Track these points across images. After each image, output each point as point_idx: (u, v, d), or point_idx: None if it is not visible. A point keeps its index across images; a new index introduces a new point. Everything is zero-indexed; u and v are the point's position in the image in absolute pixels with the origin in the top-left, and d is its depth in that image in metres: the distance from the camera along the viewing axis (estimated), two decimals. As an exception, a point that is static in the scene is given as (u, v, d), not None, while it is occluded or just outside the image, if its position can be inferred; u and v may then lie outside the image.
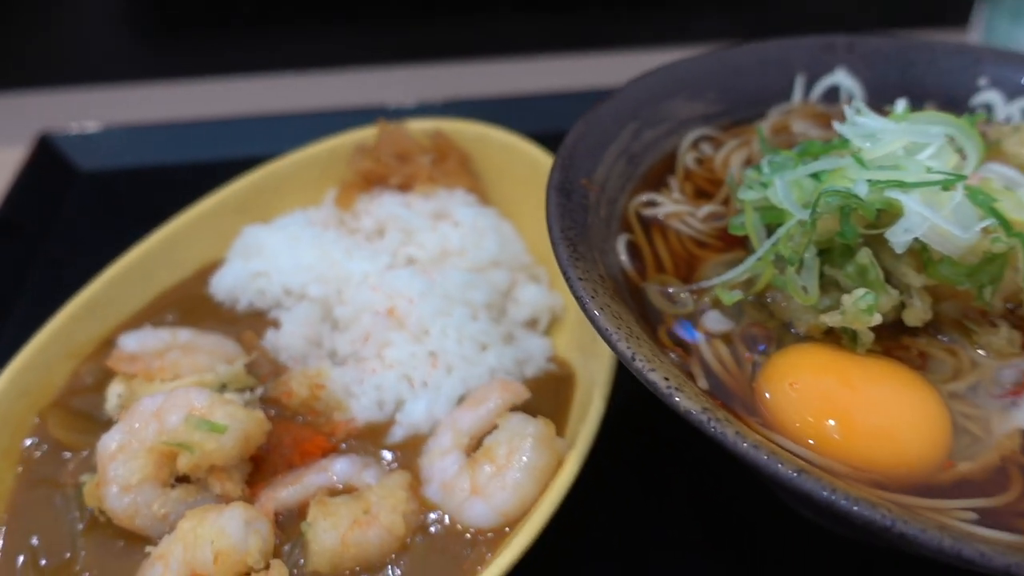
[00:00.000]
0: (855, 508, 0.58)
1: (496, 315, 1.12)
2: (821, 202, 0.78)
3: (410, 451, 0.96)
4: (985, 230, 0.76)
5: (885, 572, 0.95)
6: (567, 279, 0.77)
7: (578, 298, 0.75)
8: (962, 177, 0.77)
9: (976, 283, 0.78)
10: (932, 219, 0.74)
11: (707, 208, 1.00)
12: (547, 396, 1.03)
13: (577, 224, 0.87)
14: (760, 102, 1.18)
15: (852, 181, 0.79)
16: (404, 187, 1.24)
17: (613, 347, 0.71)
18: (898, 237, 0.76)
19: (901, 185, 0.77)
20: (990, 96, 1.16)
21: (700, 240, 0.96)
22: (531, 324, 1.15)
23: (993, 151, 1.03)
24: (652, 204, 1.01)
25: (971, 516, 0.67)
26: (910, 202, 0.75)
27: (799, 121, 1.15)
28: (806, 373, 0.78)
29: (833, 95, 1.20)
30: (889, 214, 0.78)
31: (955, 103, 1.17)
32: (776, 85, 1.19)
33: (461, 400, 1.01)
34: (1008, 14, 1.85)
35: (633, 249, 0.94)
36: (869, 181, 0.78)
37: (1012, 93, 1.14)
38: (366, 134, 1.31)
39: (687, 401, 0.66)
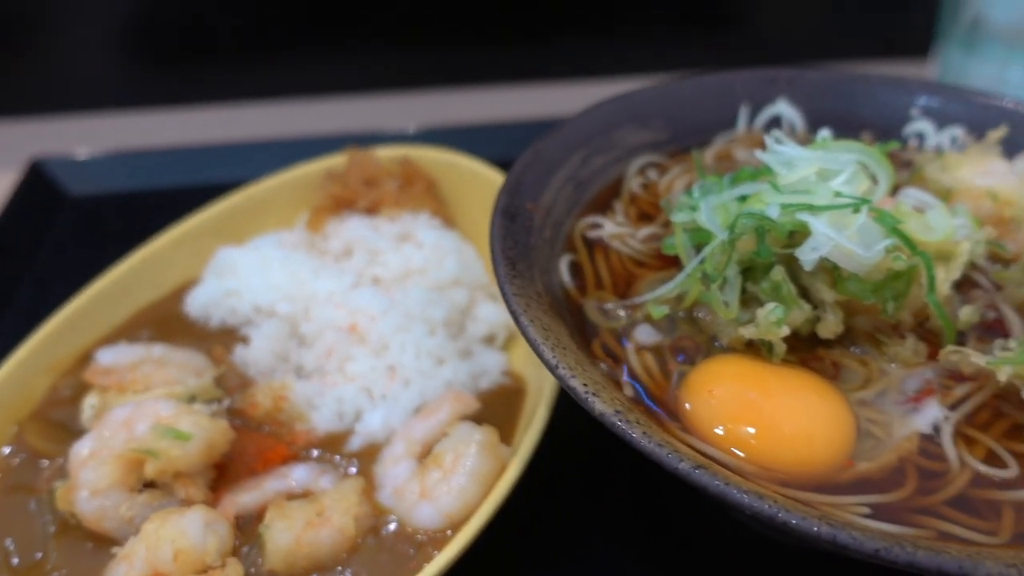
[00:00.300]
0: (744, 499, 0.64)
1: (455, 331, 1.18)
2: (738, 224, 0.85)
3: (367, 459, 1.02)
4: (888, 249, 0.83)
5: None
6: (503, 294, 0.84)
7: (512, 311, 0.82)
8: (866, 201, 0.84)
9: (880, 298, 0.85)
10: (836, 239, 0.81)
11: (647, 230, 1.07)
12: (499, 407, 1.09)
13: (519, 245, 0.93)
14: (706, 130, 1.25)
15: (767, 204, 0.86)
16: (371, 211, 1.31)
17: (539, 356, 0.77)
18: (806, 255, 0.82)
19: (811, 208, 0.84)
20: (922, 125, 1.23)
21: (639, 259, 1.03)
22: (489, 340, 1.21)
23: (916, 177, 1.11)
24: (596, 226, 1.07)
25: (864, 510, 0.73)
26: (817, 223, 0.82)
27: (742, 149, 1.22)
28: (724, 381, 0.84)
29: (776, 124, 1.27)
30: (802, 234, 0.85)
31: (890, 132, 1.24)
32: (722, 115, 1.26)
33: (417, 411, 1.06)
34: (960, 46, 1.93)
35: (576, 268, 1.01)
36: (781, 204, 0.85)
37: (942, 122, 1.22)
38: (337, 161, 1.38)
39: (601, 404, 0.72)
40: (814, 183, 0.88)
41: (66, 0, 1.91)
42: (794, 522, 0.63)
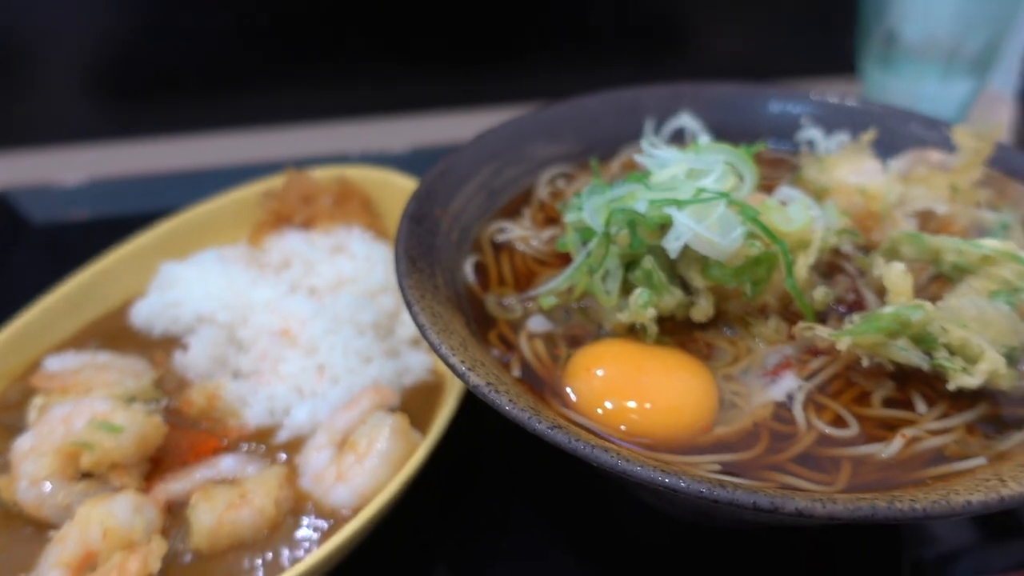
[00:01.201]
0: (592, 452, 0.73)
1: (383, 333, 1.27)
2: (613, 218, 0.95)
3: (294, 450, 1.10)
4: (746, 237, 0.92)
5: (726, 554, 1.07)
6: (400, 287, 0.93)
7: (406, 301, 0.90)
8: (725, 195, 0.93)
9: (740, 282, 0.94)
10: (696, 229, 0.90)
11: (549, 232, 1.16)
12: (420, 401, 1.17)
13: (423, 245, 1.03)
14: (615, 142, 1.35)
15: (638, 200, 0.95)
16: (307, 225, 1.40)
17: (426, 338, 0.86)
18: (670, 244, 0.92)
19: (676, 203, 0.93)
20: (813, 133, 1.33)
21: (540, 259, 1.12)
22: (415, 342, 1.29)
23: (798, 178, 1.20)
24: (504, 230, 1.17)
25: (716, 467, 0.81)
26: (678, 215, 0.91)
27: (647, 158, 1.32)
28: (601, 361, 0.92)
29: (680, 136, 1.37)
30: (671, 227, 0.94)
31: (784, 138, 1.35)
32: (630, 127, 1.36)
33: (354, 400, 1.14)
34: (877, 64, 2.05)
35: (481, 268, 1.10)
36: (649, 200, 0.94)
37: (829, 129, 1.32)
38: (276, 181, 1.48)
39: (475, 378, 0.80)
40: (682, 181, 0.98)
41: (32, 45, 2.02)
42: (633, 471, 0.71)
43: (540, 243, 1.14)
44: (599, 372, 0.91)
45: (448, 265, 1.05)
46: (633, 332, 0.97)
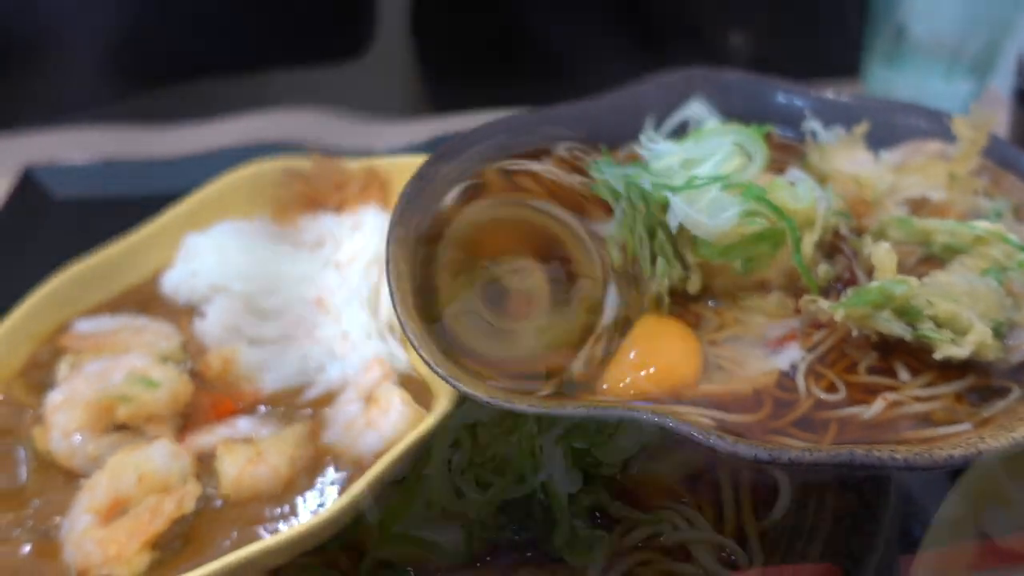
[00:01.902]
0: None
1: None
2: (629, 190, 1.02)
3: (321, 406, 1.15)
4: (743, 215, 0.98)
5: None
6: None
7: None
8: (721, 179, 1.00)
9: (729, 259, 1.00)
10: (687, 211, 0.97)
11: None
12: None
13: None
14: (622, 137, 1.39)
15: (642, 179, 1.02)
16: (338, 209, 1.46)
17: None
18: (670, 222, 0.98)
19: (671, 188, 1.00)
20: (814, 124, 1.38)
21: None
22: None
23: (804, 164, 1.26)
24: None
25: (709, 421, 0.87)
26: (674, 198, 0.98)
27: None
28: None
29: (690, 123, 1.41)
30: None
31: (790, 126, 1.40)
32: (637, 121, 1.39)
33: (366, 368, 1.19)
34: (883, 61, 2.09)
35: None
36: (652, 182, 1.01)
37: (827, 122, 1.36)
38: (297, 161, 1.53)
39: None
40: (676, 171, 1.05)
41: (56, 27, 2.09)
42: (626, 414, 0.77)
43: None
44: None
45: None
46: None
